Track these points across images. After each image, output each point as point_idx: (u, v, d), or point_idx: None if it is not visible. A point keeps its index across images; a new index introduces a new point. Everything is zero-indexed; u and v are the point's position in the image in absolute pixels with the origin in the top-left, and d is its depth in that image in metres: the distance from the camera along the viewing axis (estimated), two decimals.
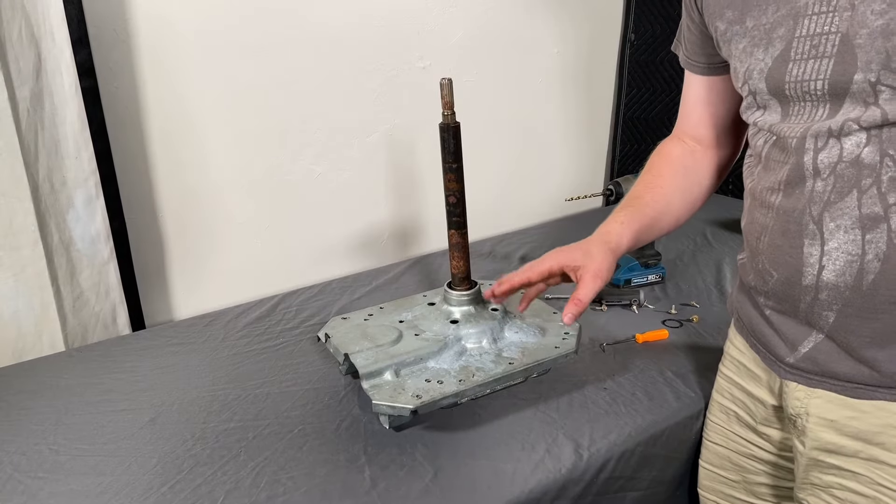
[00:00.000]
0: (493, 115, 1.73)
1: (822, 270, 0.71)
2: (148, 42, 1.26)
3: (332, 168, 1.53)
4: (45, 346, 1.25)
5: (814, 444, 0.78)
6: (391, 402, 0.91)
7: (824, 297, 0.71)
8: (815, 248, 0.71)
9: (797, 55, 0.70)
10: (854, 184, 0.67)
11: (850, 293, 0.70)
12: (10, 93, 1.10)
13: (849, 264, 0.69)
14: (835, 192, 0.68)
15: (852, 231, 0.68)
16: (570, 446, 0.94)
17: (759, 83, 0.75)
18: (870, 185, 0.66)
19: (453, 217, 1.04)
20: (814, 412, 0.77)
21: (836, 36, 0.67)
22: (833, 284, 0.70)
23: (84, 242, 1.24)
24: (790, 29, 0.70)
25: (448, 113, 0.98)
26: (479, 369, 0.98)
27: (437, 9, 1.56)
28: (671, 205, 0.95)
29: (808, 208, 0.70)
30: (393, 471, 0.90)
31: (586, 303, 0.88)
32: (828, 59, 0.67)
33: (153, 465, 0.92)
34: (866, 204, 0.67)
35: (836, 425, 0.76)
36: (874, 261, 0.67)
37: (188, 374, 1.14)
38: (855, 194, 0.67)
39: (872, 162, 0.66)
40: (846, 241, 0.69)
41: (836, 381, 0.75)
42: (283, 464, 0.92)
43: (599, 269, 0.87)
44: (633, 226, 0.91)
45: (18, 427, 1.01)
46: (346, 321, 1.13)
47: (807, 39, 0.69)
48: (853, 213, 0.68)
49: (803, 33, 0.69)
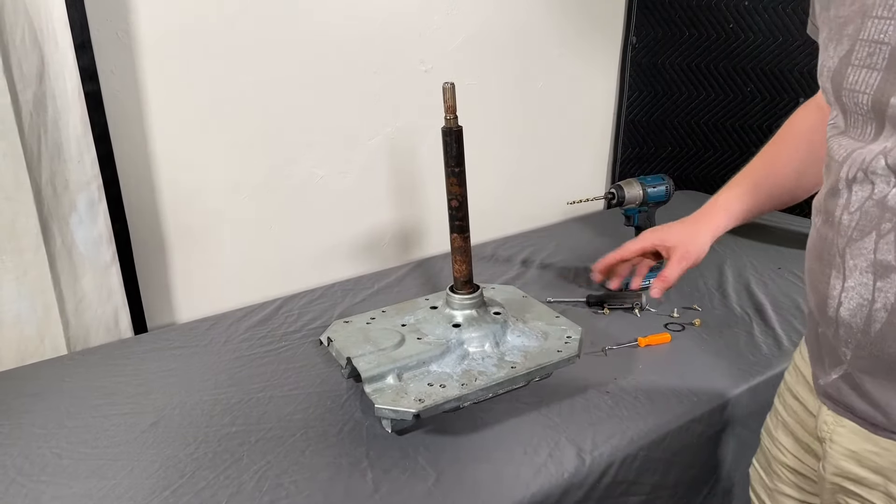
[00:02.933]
0: (494, 118, 1.73)
1: (840, 307, 0.68)
2: (151, 46, 1.26)
3: (334, 171, 1.53)
4: (47, 350, 1.25)
5: (834, 470, 0.76)
6: (393, 406, 0.92)
7: (842, 333, 0.69)
8: (838, 282, 0.68)
9: (857, 60, 0.64)
10: (875, 225, 0.63)
11: (861, 336, 0.67)
12: (13, 96, 1.10)
13: (860, 307, 0.66)
14: (857, 229, 0.64)
15: (866, 274, 0.64)
16: (572, 450, 0.94)
17: (827, 83, 0.68)
18: (888, 230, 0.62)
19: (455, 221, 1.04)
20: (837, 440, 0.75)
21: (887, 48, 0.60)
22: (847, 323, 0.68)
23: (86, 246, 1.24)
24: (857, 28, 0.63)
25: (450, 117, 0.98)
26: (481, 373, 0.98)
27: (438, 12, 1.56)
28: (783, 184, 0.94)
29: (837, 239, 0.67)
30: (395, 475, 0.90)
31: (671, 281, 0.99)
32: (877, 72, 0.61)
33: (156, 469, 0.92)
34: (882, 249, 0.63)
35: (858, 457, 0.73)
36: (881, 310, 0.64)
37: (190, 377, 1.14)
38: (874, 236, 0.63)
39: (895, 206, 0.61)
40: (860, 284, 0.65)
41: (855, 416, 0.72)
42: (286, 468, 0.92)
43: (687, 252, 0.96)
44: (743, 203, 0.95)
45: (21, 430, 1.01)
46: (348, 325, 1.13)
47: (867, 44, 0.62)
48: (869, 255, 0.64)
49: (866, 36, 0.62)
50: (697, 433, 1.02)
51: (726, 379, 1.09)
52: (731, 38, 1.80)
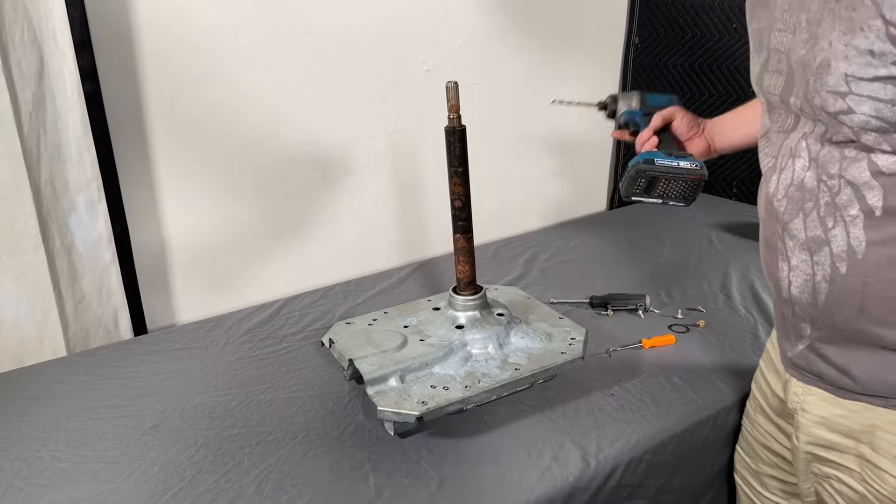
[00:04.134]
0: (496, 118, 1.72)
1: (791, 286, 0.75)
2: (151, 45, 1.25)
3: (336, 171, 1.53)
4: (46, 351, 1.24)
5: (808, 439, 0.81)
6: (396, 409, 0.91)
7: (797, 310, 0.75)
8: (784, 265, 0.75)
9: (770, 66, 0.74)
10: (800, 207, 0.71)
11: (812, 310, 0.73)
12: (13, 96, 1.10)
13: (805, 283, 0.72)
14: (787, 212, 0.72)
15: (803, 252, 0.72)
16: (576, 454, 0.93)
17: (755, 86, 0.79)
18: (811, 208, 0.69)
19: (459, 221, 1.03)
20: (808, 409, 0.80)
21: (785, 56, 0.70)
22: (798, 300, 0.74)
23: (86, 246, 1.24)
24: (768, 38, 0.73)
25: (454, 116, 0.98)
26: (484, 375, 0.97)
27: (440, 12, 1.56)
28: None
29: (776, 226, 0.75)
30: (398, 478, 0.89)
31: (643, 136, 1.09)
32: (782, 76, 0.71)
33: (155, 473, 0.91)
34: (810, 227, 0.70)
35: (828, 422, 0.78)
36: (822, 282, 0.71)
37: (190, 379, 1.13)
38: (801, 217, 0.71)
39: (812, 186, 0.69)
40: (801, 261, 0.72)
41: (823, 381, 0.78)
42: (287, 471, 0.91)
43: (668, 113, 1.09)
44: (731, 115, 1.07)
45: (19, 433, 1.00)
46: (350, 326, 1.12)
47: (775, 53, 0.72)
48: (801, 235, 0.71)
49: (774, 45, 0.72)
50: (703, 436, 1.01)
51: (731, 381, 1.08)
52: (733, 39, 1.79)
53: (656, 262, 1.56)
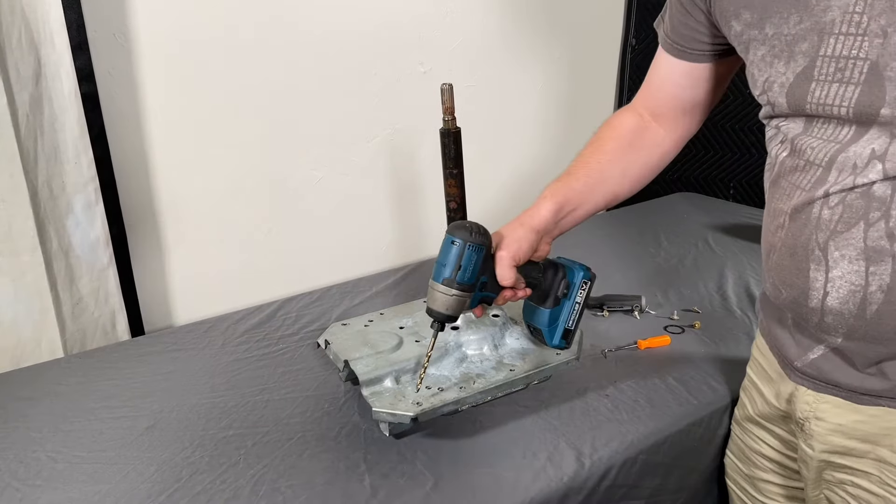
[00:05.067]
0: (493, 119, 1.73)
1: (827, 297, 0.70)
2: (148, 48, 1.26)
3: (333, 173, 1.53)
4: (43, 353, 1.24)
5: (823, 447, 0.79)
6: (391, 410, 0.91)
7: (829, 320, 0.71)
8: (820, 274, 0.70)
9: (821, 75, 0.67)
10: (862, 216, 0.66)
11: (855, 320, 0.69)
12: (10, 98, 1.10)
13: (852, 294, 0.68)
14: (842, 221, 0.67)
15: (856, 262, 0.67)
16: (571, 454, 0.93)
17: (780, 97, 0.72)
18: (878, 218, 0.65)
19: None
20: (822, 417, 0.78)
21: (864, 63, 0.64)
22: (837, 311, 0.70)
23: (83, 248, 1.24)
24: (814, 45, 0.67)
25: (449, 118, 0.98)
26: (479, 376, 0.97)
27: (437, 14, 1.56)
28: (607, 180, 0.91)
29: (815, 234, 0.69)
30: (393, 479, 0.89)
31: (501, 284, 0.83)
32: (854, 85, 0.65)
33: (152, 473, 0.91)
34: (872, 237, 0.66)
35: (845, 429, 0.76)
36: (877, 292, 0.67)
37: (187, 380, 1.14)
38: (862, 226, 0.66)
39: (883, 195, 0.65)
40: (850, 272, 0.68)
41: (840, 389, 0.75)
42: (283, 471, 0.91)
43: (504, 252, 0.82)
44: (556, 198, 0.86)
45: (16, 434, 1.00)
46: (345, 327, 1.12)
47: (832, 60, 0.66)
48: (858, 244, 0.67)
49: (828, 53, 0.66)
50: (698, 437, 1.02)
51: (727, 382, 1.08)
52: None
53: (652, 263, 1.56)
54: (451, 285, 0.81)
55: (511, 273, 0.82)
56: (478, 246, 0.81)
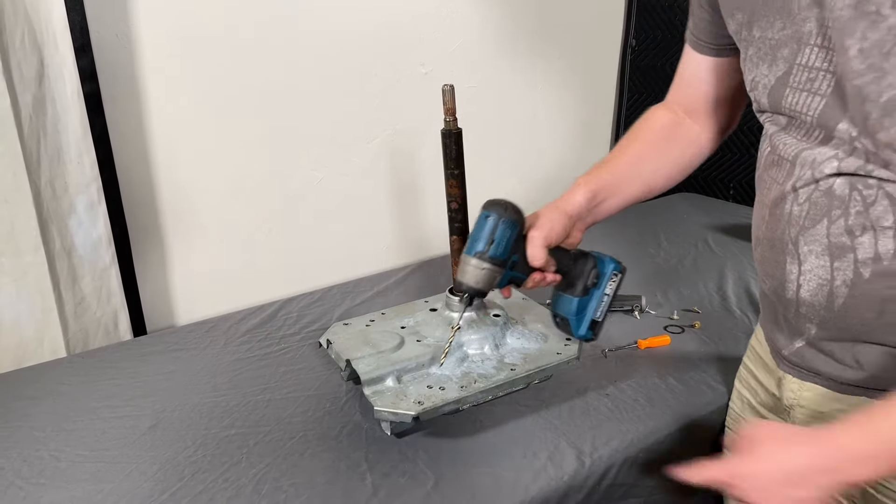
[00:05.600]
0: (493, 120, 1.73)
1: (800, 289, 0.73)
2: (150, 48, 1.26)
3: (334, 173, 1.53)
4: (46, 352, 1.25)
5: None
6: (393, 409, 0.91)
7: (804, 311, 0.74)
8: (794, 267, 0.73)
9: (795, 82, 0.69)
10: (825, 213, 0.68)
11: (825, 312, 0.72)
12: (13, 98, 1.10)
13: (820, 287, 0.71)
14: (808, 217, 0.70)
15: (822, 257, 0.69)
16: (572, 453, 0.93)
17: (763, 97, 0.75)
18: (839, 216, 0.67)
19: (455, 223, 1.04)
20: (805, 404, 0.80)
21: (832, 77, 0.65)
22: (809, 303, 0.72)
23: (86, 248, 1.24)
24: (793, 53, 0.68)
25: (450, 119, 0.98)
26: (480, 375, 0.98)
27: (438, 15, 1.56)
28: (641, 172, 0.93)
29: (788, 229, 0.72)
30: (394, 478, 0.89)
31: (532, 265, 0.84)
32: (820, 97, 0.66)
33: (154, 472, 0.92)
34: (834, 234, 0.68)
35: (825, 417, 0.78)
36: (842, 286, 0.69)
37: (189, 379, 1.14)
38: (825, 223, 0.68)
39: (843, 194, 0.67)
40: (817, 266, 0.70)
41: (821, 377, 0.77)
42: (285, 470, 0.91)
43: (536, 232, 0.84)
44: (589, 185, 0.90)
45: (20, 433, 1.01)
46: (347, 327, 1.13)
47: (805, 70, 0.67)
48: (823, 240, 0.69)
49: (803, 62, 0.68)
50: (698, 436, 1.02)
51: (726, 382, 1.08)
52: None
53: (652, 263, 1.57)
54: (483, 259, 0.82)
55: (542, 253, 0.83)
56: (511, 222, 0.82)
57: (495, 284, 0.84)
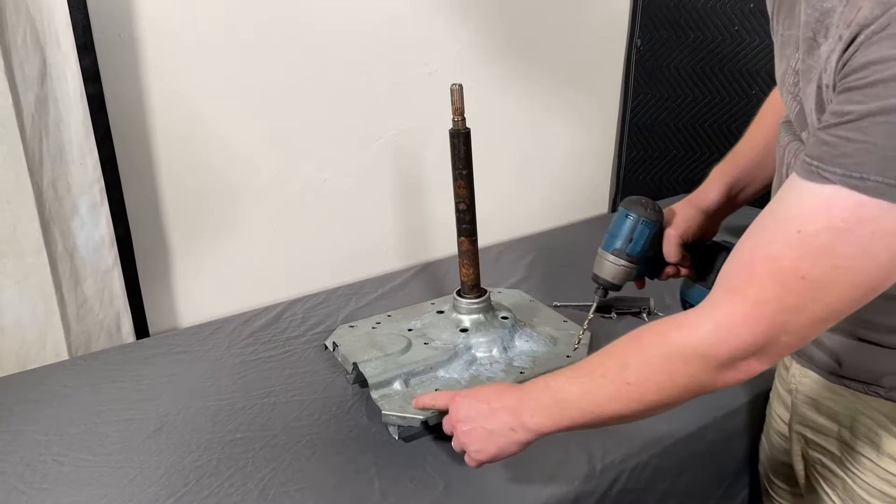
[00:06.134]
0: (498, 120, 1.72)
1: None
2: (154, 48, 1.25)
3: (337, 174, 1.52)
4: (48, 355, 1.23)
5: (799, 419, 0.83)
6: (401, 413, 0.90)
7: None
8: None
9: (787, 83, 0.70)
10: None
11: None
12: (15, 98, 1.09)
13: None
14: None
15: None
16: (582, 458, 0.92)
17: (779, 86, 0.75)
18: None
19: (463, 224, 1.03)
20: (802, 390, 0.82)
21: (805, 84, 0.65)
22: None
23: (88, 249, 1.23)
24: (792, 53, 0.68)
25: (458, 119, 0.97)
26: (489, 379, 0.97)
27: (442, 14, 1.55)
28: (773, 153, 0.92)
29: None
30: (403, 483, 0.88)
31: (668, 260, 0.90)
32: (797, 103, 0.67)
33: (159, 477, 0.90)
34: None
35: (817, 404, 0.80)
36: None
37: (193, 382, 1.13)
38: None
39: None
40: None
41: (815, 365, 0.79)
42: (291, 475, 0.90)
43: (673, 231, 0.89)
44: (724, 178, 0.92)
45: (22, 437, 1.00)
46: (353, 329, 1.12)
47: (794, 73, 0.68)
48: None
49: (793, 65, 0.68)
50: (708, 440, 1.01)
51: (737, 385, 1.07)
52: (736, 41, 1.79)
53: None
54: (621, 256, 0.89)
55: (677, 251, 0.88)
56: (651, 222, 0.88)
57: (630, 279, 0.92)
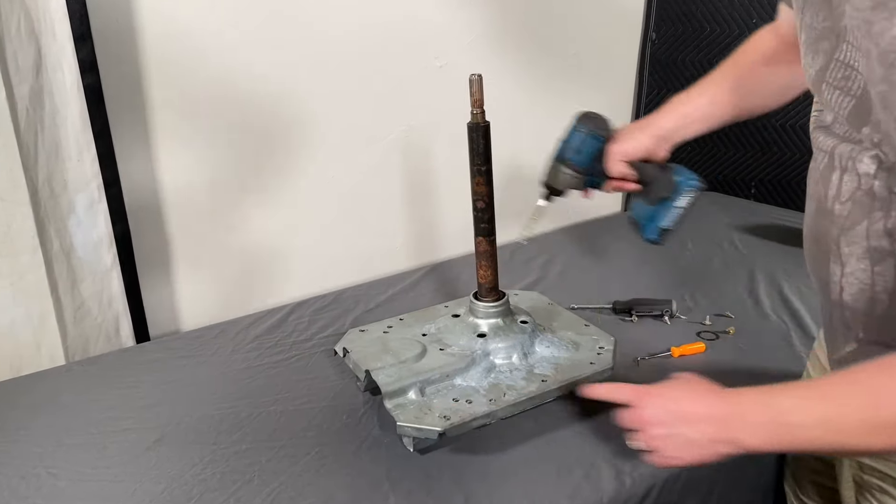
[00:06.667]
0: (510, 115, 1.67)
1: (843, 291, 0.70)
2: (154, 38, 1.20)
3: (346, 171, 1.48)
4: (44, 360, 1.19)
5: None
6: (417, 424, 0.85)
7: (848, 315, 0.71)
8: (837, 268, 0.70)
9: (831, 78, 0.66)
10: (866, 214, 0.65)
11: (866, 318, 0.69)
12: (9, 91, 1.05)
13: (861, 291, 0.68)
14: (850, 218, 0.67)
15: (863, 260, 0.67)
16: (610, 471, 0.87)
17: (809, 84, 0.71)
18: (879, 218, 0.64)
19: (481, 223, 0.98)
20: None
21: (861, 78, 0.62)
22: (852, 307, 0.70)
23: (85, 249, 1.19)
24: (832, 47, 0.64)
25: (477, 111, 0.92)
26: (510, 387, 0.92)
27: (453, 7, 1.51)
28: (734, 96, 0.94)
29: (830, 228, 0.69)
30: (419, 498, 0.84)
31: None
32: (851, 98, 0.63)
33: (160, 492, 0.86)
34: (874, 236, 0.65)
35: None
36: (882, 293, 0.66)
37: (196, 389, 1.08)
38: (865, 224, 0.66)
39: (882, 195, 0.64)
40: (858, 269, 0.67)
41: None
42: (300, 489, 0.85)
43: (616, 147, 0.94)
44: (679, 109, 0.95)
45: (16, 448, 0.95)
46: (364, 334, 1.07)
47: (842, 67, 0.64)
48: (863, 242, 0.66)
49: (840, 57, 0.64)
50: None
51: None
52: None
53: (677, 266, 1.50)
54: (567, 165, 0.98)
55: (618, 167, 0.94)
56: (599, 137, 0.96)
57: (577, 187, 0.99)
